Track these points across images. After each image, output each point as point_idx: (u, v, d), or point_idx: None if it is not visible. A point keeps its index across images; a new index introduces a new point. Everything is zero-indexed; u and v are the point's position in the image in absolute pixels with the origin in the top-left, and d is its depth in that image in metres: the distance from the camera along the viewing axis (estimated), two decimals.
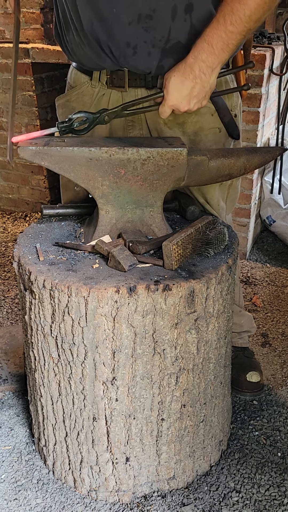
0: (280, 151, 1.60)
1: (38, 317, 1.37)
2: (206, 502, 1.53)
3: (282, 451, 1.70)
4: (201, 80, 1.35)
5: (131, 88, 1.50)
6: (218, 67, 1.35)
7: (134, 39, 1.37)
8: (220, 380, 1.54)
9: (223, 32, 1.30)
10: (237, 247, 1.51)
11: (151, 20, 1.35)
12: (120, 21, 1.35)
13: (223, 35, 1.30)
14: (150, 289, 1.26)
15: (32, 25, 3.20)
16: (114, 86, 1.52)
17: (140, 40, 1.37)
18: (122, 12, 1.34)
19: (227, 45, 1.31)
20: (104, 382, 1.37)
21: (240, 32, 1.30)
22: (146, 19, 1.35)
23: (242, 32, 1.31)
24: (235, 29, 1.29)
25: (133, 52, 1.40)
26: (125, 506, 1.53)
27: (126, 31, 1.36)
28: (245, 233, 2.87)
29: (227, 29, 1.30)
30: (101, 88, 1.55)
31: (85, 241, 1.48)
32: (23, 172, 3.43)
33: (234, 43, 1.32)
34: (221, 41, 1.31)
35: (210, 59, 1.32)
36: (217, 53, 1.32)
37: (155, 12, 1.34)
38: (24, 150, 1.35)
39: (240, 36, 1.31)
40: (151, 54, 1.40)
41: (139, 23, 1.35)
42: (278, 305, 2.51)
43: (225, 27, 1.29)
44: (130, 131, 1.58)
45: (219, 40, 1.30)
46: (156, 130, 1.56)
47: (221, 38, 1.30)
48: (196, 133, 1.56)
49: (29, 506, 1.53)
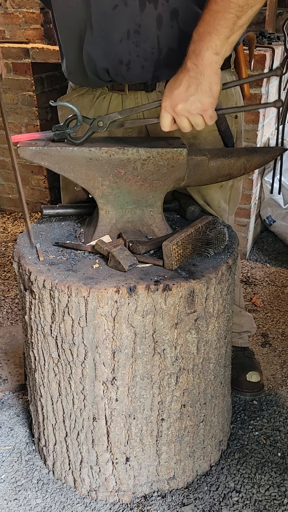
0: (280, 151, 1.60)
1: (38, 317, 1.37)
2: (206, 502, 1.53)
3: (282, 451, 1.70)
4: (194, 72, 1.20)
5: (131, 92, 1.51)
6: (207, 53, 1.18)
7: (126, 55, 1.39)
8: (220, 380, 1.54)
9: (207, 14, 1.16)
10: (237, 247, 1.51)
11: (139, 35, 1.36)
12: (110, 41, 1.37)
13: (207, 18, 1.16)
14: (150, 289, 1.26)
15: (32, 25, 3.20)
16: (114, 89, 1.54)
17: (133, 55, 1.39)
18: (111, 32, 1.36)
19: (214, 27, 1.15)
20: (104, 382, 1.37)
21: (226, 9, 1.14)
22: (135, 34, 1.36)
23: (229, 9, 1.14)
24: (220, 7, 1.14)
25: (127, 68, 1.41)
26: (125, 506, 1.53)
27: (118, 49, 1.38)
28: (245, 233, 2.87)
29: (210, 10, 1.16)
30: (102, 91, 1.56)
31: (85, 241, 1.48)
32: (23, 172, 3.43)
33: (223, 24, 1.15)
34: (206, 24, 1.16)
35: (198, 47, 1.18)
36: (203, 38, 1.17)
37: (141, 26, 1.35)
38: (24, 150, 1.35)
39: (228, 15, 1.14)
40: (145, 67, 1.41)
41: (129, 39, 1.37)
42: (278, 305, 2.51)
43: (209, 8, 1.16)
44: (129, 134, 1.59)
45: (205, 24, 1.17)
46: (156, 133, 1.57)
47: (206, 21, 1.17)
48: (195, 137, 1.56)
49: (29, 506, 1.53)
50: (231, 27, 1.16)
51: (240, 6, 1.14)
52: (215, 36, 1.16)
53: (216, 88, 1.22)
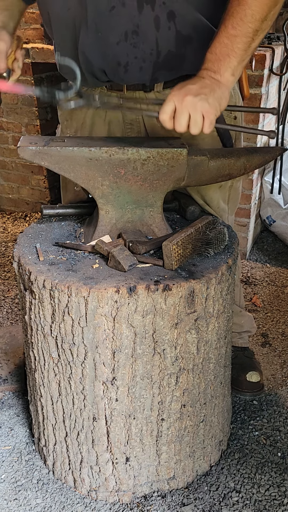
0: (280, 151, 1.60)
1: (38, 317, 1.37)
2: (206, 502, 1.53)
3: (282, 451, 1.70)
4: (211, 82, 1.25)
5: (129, 92, 1.51)
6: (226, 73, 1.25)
7: (124, 57, 1.39)
8: (220, 380, 1.54)
9: (225, 37, 1.24)
10: (237, 247, 1.51)
11: (137, 36, 1.36)
12: (108, 42, 1.38)
13: (225, 41, 1.24)
14: (150, 289, 1.26)
15: (32, 25, 3.20)
16: (112, 89, 1.54)
17: (131, 57, 1.39)
18: (109, 34, 1.37)
19: (232, 50, 1.24)
20: (104, 382, 1.37)
21: (244, 34, 1.24)
22: (133, 35, 1.36)
23: (247, 34, 1.24)
24: (238, 31, 1.24)
25: (125, 70, 1.42)
26: (125, 506, 1.53)
27: (115, 50, 1.38)
28: (245, 233, 2.87)
29: (228, 34, 1.24)
30: (101, 90, 1.57)
31: (85, 241, 1.48)
32: (23, 172, 3.43)
33: (241, 47, 1.25)
34: (224, 47, 1.24)
35: (217, 66, 1.25)
36: (222, 59, 1.25)
37: (139, 27, 1.35)
38: (24, 150, 1.35)
39: (246, 39, 1.24)
40: (143, 68, 1.41)
41: (127, 41, 1.37)
42: (278, 305, 2.51)
43: (227, 32, 1.24)
44: (128, 134, 1.59)
45: (222, 46, 1.25)
46: (154, 133, 1.57)
47: (224, 44, 1.25)
48: (193, 137, 1.56)
49: (29, 506, 1.53)
50: (247, 49, 1.26)
51: (256, 30, 1.24)
52: (234, 58, 1.25)
53: (225, 103, 1.27)
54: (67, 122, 1.69)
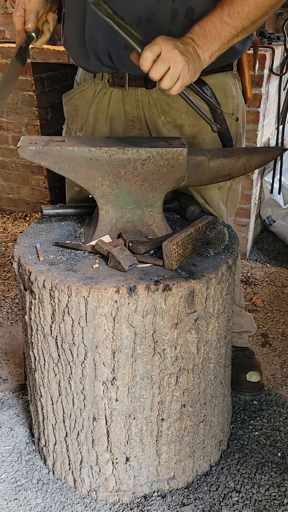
0: (280, 151, 1.60)
1: (38, 317, 1.37)
2: (206, 502, 1.53)
3: (282, 451, 1.70)
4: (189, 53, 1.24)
5: (131, 88, 1.51)
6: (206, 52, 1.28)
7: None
8: (220, 380, 1.54)
9: (218, 20, 1.27)
10: (237, 247, 1.51)
11: (150, 24, 1.35)
12: None
13: (217, 24, 1.27)
14: (150, 289, 1.26)
15: None
16: (115, 84, 1.53)
17: None
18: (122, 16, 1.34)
19: (219, 34, 1.28)
20: (104, 382, 1.37)
21: (235, 26, 1.28)
22: (146, 23, 1.34)
23: (237, 28, 1.28)
24: (231, 21, 1.27)
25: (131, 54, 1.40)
26: (125, 506, 1.53)
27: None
28: (245, 233, 2.87)
29: (222, 19, 1.27)
30: (103, 86, 1.57)
31: (85, 241, 1.48)
32: (23, 172, 3.43)
33: (227, 36, 1.28)
34: (214, 29, 1.27)
35: (201, 40, 1.27)
36: (208, 38, 1.27)
37: (154, 15, 1.34)
38: (24, 150, 1.35)
39: (234, 31, 1.28)
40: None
41: (139, 26, 1.35)
42: (278, 305, 2.51)
43: (221, 17, 1.27)
44: (130, 130, 1.59)
45: (212, 27, 1.27)
46: (156, 131, 1.57)
47: (215, 25, 1.27)
48: (194, 136, 1.56)
49: (29, 506, 1.53)
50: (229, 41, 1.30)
51: (244, 28, 1.29)
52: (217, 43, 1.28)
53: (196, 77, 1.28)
54: (72, 118, 1.69)
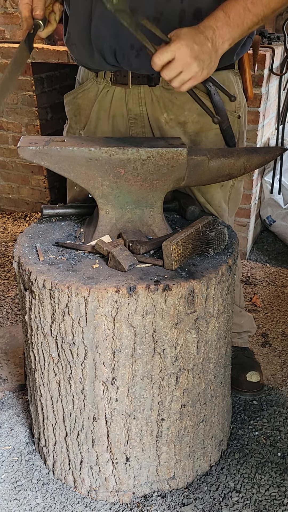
0: (280, 151, 1.60)
1: (38, 317, 1.37)
2: (206, 502, 1.53)
3: (282, 451, 1.70)
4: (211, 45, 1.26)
5: (134, 86, 1.50)
6: (227, 41, 1.29)
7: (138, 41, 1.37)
8: (220, 380, 1.54)
9: (242, 7, 1.28)
10: (237, 247, 1.51)
11: (158, 23, 1.34)
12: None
13: (241, 10, 1.28)
14: (150, 289, 1.26)
15: None
16: (117, 83, 1.53)
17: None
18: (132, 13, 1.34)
19: (242, 22, 1.29)
20: (104, 382, 1.37)
21: (257, 14, 1.29)
22: (153, 22, 1.34)
23: (259, 15, 1.29)
24: (254, 8, 1.28)
25: (136, 54, 1.40)
26: (125, 506, 1.53)
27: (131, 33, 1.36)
28: (245, 233, 2.87)
29: (246, 6, 1.28)
30: (106, 84, 1.56)
31: (85, 241, 1.48)
32: (23, 172, 3.43)
33: (249, 23, 1.30)
34: (237, 16, 1.28)
35: (224, 29, 1.27)
36: (232, 26, 1.28)
37: (163, 15, 1.34)
38: (24, 150, 1.35)
39: (256, 19, 1.30)
40: None
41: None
42: (278, 305, 2.51)
43: (245, 4, 1.28)
44: (132, 128, 1.58)
45: (236, 14, 1.28)
46: (158, 128, 1.56)
47: (239, 12, 1.28)
48: (197, 133, 1.56)
49: (29, 506, 1.53)
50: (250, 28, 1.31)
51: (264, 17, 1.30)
52: (239, 31, 1.29)
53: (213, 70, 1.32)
54: (75, 117, 1.68)
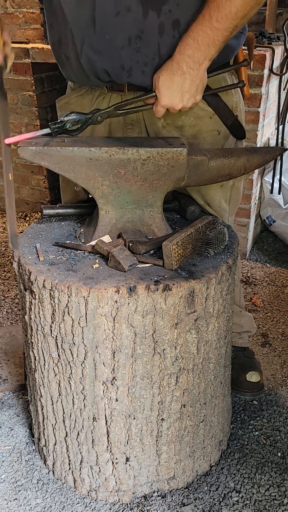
0: (280, 151, 1.60)
1: (38, 317, 1.37)
2: (206, 502, 1.53)
3: (282, 451, 1.70)
4: (190, 75, 1.34)
5: (130, 92, 1.51)
6: (205, 62, 1.33)
7: (128, 61, 1.40)
8: (220, 380, 1.54)
9: (209, 28, 1.29)
10: (237, 247, 1.51)
11: (140, 41, 1.37)
12: (113, 46, 1.38)
13: (208, 32, 1.29)
14: (150, 289, 1.26)
15: (32, 25, 3.20)
16: (113, 90, 1.54)
17: (134, 61, 1.40)
18: (115, 38, 1.37)
19: (213, 41, 1.30)
20: (104, 382, 1.37)
21: (226, 28, 1.29)
22: (136, 40, 1.37)
23: (228, 29, 1.29)
24: (221, 25, 1.28)
25: (128, 74, 1.42)
26: (125, 506, 1.53)
27: (120, 55, 1.39)
28: (245, 233, 2.87)
29: (212, 26, 1.28)
30: (101, 91, 1.56)
31: (85, 241, 1.48)
32: (23, 172, 3.43)
33: (220, 40, 1.31)
34: (206, 37, 1.29)
35: (197, 55, 1.31)
36: (203, 49, 1.31)
37: (143, 32, 1.36)
38: (24, 150, 1.35)
39: (226, 33, 1.30)
40: (145, 72, 1.42)
41: (130, 45, 1.37)
42: (278, 305, 2.51)
43: (211, 24, 1.28)
44: (129, 133, 1.59)
45: (205, 37, 1.29)
46: (155, 133, 1.57)
47: (207, 34, 1.29)
48: (194, 136, 1.56)
49: (29, 506, 1.53)
50: (224, 41, 1.33)
51: (236, 26, 1.31)
52: (213, 49, 1.32)
53: (205, 81, 1.39)
54: None
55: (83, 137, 1.51)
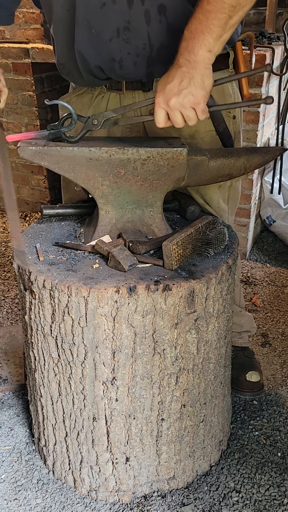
0: (280, 151, 1.60)
1: (38, 317, 1.37)
2: (206, 502, 1.53)
3: (282, 451, 1.70)
4: (187, 67, 1.23)
5: (129, 91, 1.51)
6: (201, 51, 1.22)
7: (117, 53, 1.40)
8: (220, 380, 1.54)
9: (200, 13, 1.21)
10: (237, 247, 1.51)
11: (129, 31, 1.36)
12: (101, 39, 1.38)
13: (200, 17, 1.20)
14: (150, 289, 1.26)
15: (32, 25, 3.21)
16: (112, 89, 1.54)
17: (124, 53, 1.39)
18: (101, 31, 1.37)
19: (207, 26, 1.20)
20: (104, 382, 1.37)
21: (219, 9, 1.18)
22: (124, 31, 1.36)
23: (222, 9, 1.19)
24: (212, 7, 1.19)
25: (120, 66, 1.42)
26: (125, 506, 1.53)
27: (109, 47, 1.39)
28: (245, 233, 2.87)
29: (203, 9, 1.20)
30: (100, 90, 1.57)
31: (85, 241, 1.48)
32: (23, 172, 3.43)
33: (216, 24, 1.20)
34: (199, 23, 1.20)
35: (191, 44, 1.22)
36: (197, 36, 1.21)
37: (130, 22, 1.35)
38: (24, 150, 1.35)
39: (222, 14, 1.19)
40: (137, 63, 1.41)
41: (119, 37, 1.37)
42: (278, 305, 2.51)
43: (202, 8, 1.21)
44: (127, 134, 1.60)
45: (198, 23, 1.20)
46: (153, 134, 1.57)
47: (199, 20, 1.20)
48: (192, 136, 1.56)
49: (29, 506, 1.53)
50: (223, 26, 1.20)
51: (233, 6, 1.18)
52: (208, 35, 1.20)
53: (208, 81, 1.26)
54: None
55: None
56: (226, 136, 1.58)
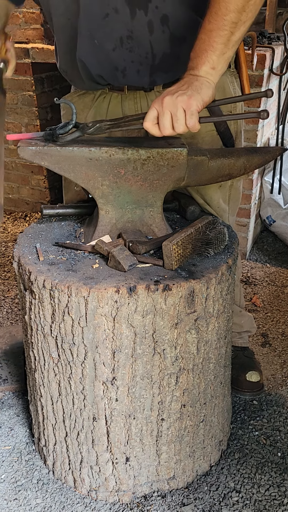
0: (280, 151, 1.60)
1: (38, 317, 1.37)
2: (206, 502, 1.53)
3: (282, 451, 1.70)
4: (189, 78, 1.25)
5: (130, 91, 1.52)
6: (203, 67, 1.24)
7: (121, 62, 1.40)
8: (220, 380, 1.54)
9: (203, 33, 1.24)
10: (237, 247, 1.51)
11: (132, 40, 1.37)
12: (104, 50, 1.39)
13: (203, 37, 1.24)
14: (150, 289, 1.26)
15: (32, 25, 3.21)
16: (114, 89, 1.55)
17: (128, 62, 1.40)
18: (104, 42, 1.38)
19: (210, 44, 1.22)
20: (104, 382, 1.37)
21: (220, 27, 1.21)
22: (128, 40, 1.37)
23: (223, 27, 1.21)
24: (213, 26, 1.21)
25: (123, 75, 1.43)
26: (125, 506, 1.53)
27: (112, 56, 1.40)
28: (245, 233, 2.87)
29: (205, 29, 1.23)
30: (102, 91, 1.57)
31: (85, 241, 1.48)
32: (23, 172, 3.43)
33: (218, 41, 1.22)
34: (202, 43, 1.24)
35: (195, 63, 1.25)
36: (200, 55, 1.24)
37: (133, 32, 1.36)
38: (24, 150, 1.35)
39: (223, 32, 1.21)
40: (140, 72, 1.42)
41: (122, 46, 1.38)
42: (278, 305, 2.51)
43: (204, 28, 1.24)
44: (128, 133, 1.59)
45: (201, 43, 1.24)
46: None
47: (202, 40, 1.24)
48: (193, 136, 1.56)
49: (29, 506, 1.53)
50: (226, 43, 1.22)
51: (234, 22, 1.20)
52: (211, 52, 1.23)
53: (206, 91, 1.24)
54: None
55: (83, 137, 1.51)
56: (227, 136, 1.58)
